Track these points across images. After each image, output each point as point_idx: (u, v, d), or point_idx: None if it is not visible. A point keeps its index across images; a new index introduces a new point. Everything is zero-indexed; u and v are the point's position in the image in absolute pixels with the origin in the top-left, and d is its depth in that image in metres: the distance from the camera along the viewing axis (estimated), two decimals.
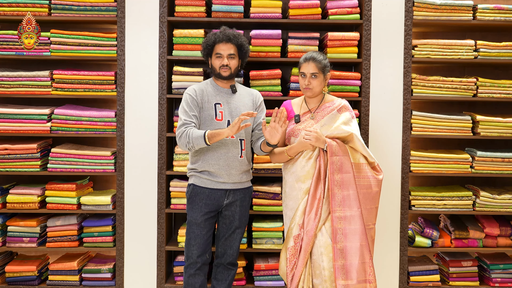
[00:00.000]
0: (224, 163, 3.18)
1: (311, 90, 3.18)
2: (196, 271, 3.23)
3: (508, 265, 3.89)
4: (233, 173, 3.20)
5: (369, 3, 3.72)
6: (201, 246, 3.21)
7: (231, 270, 3.35)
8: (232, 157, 3.19)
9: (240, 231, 3.31)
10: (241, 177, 3.24)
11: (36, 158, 3.79)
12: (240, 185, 3.25)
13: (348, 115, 3.22)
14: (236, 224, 3.27)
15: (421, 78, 3.80)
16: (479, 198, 3.79)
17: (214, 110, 3.20)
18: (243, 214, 3.29)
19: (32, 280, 3.84)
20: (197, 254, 3.21)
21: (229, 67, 3.22)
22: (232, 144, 3.19)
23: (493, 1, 4.06)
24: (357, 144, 3.11)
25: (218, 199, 3.21)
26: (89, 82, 3.80)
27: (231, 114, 3.22)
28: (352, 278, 3.02)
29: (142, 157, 3.82)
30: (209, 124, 3.19)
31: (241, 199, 3.26)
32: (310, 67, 3.16)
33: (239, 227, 3.29)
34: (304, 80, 3.18)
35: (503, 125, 3.80)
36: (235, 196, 3.24)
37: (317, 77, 3.17)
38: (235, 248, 3.31)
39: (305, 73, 3.17)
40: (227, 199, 3.22)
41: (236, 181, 3.22)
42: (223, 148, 3.18)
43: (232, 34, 3.24)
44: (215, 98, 3.23)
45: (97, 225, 3.85)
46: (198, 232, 3.20)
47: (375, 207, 3.14)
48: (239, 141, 3.21)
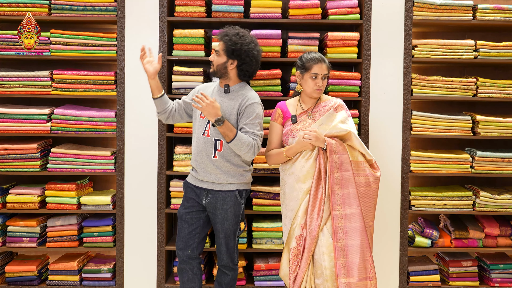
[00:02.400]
0: (200, 160, 3.21)
1: (321, 91, 3.22)
2: (181, 265, 3.26)
3: (508, 265, 3.89)
4: (209, 171, 3.19)
5: (369, 3, 3.72)
6: (182, 239, 3.23)
7: (226, 275, 3.31)
8: (205, 156, 3.19)
9: (223, 236, 3.21)
10: (218, 178, 3.18)
11: (36, 158, 3.79)
12: (220, 187, 3.19)
13: (345, 113, 3.23)
14: (218, 227, 3.22)
15: (421, 78, 3.80)
16: (479, 198, 3.79)
17: None
18: (224, 218, 3.19)
19: (32, 280, 3.84)
20: (179, 247, 3.25)
21: (212, 63, 3.23)
22: (205, 143, 3.18)
23: (493, 1, 4.06)
24: (355, 142, 3.13)
25: (199, 197, 3.22)
26: (89, 82, 3.80)
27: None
28: (354, 276, 3.03)
29: (142, 157, 3.82)
30: (196, 120, 3.26)
31: (221, 202, 3.19)
32: (323, 68, 3.19)
33: (221, 232, 3.21)
34: (317, 81, 3.18)
35: (503, 125, 3.80)
36: (214, 197, 3.19)
37: (326, 78, 3.21)
38: (223, 251, 3.25)
39: (318, 74, 3.17)
40: (205, 199, 3.21)
41: (213, 180, 3.18)
42: (199, 146, 3.21)
43: (225, 31, 3.21)
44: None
45: (97, 225, 3.85)
46: (180, 225, 3.26)
47: (374, 204, 3.16)
48: (213, 141, 3.17)
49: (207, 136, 3.18)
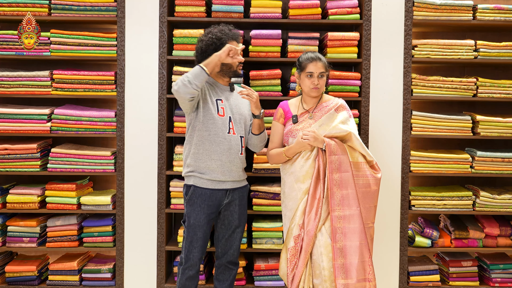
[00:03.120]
0: (227, 159, 3.18)
1: (319, 89, 3.20)
2: (195, 273, 3.22)
3: (508, 265, 3.89)
4: (233, 169, 3.21)
5: (369, 3, 3.72)
6: (202, 248, 3.21)
7: (232, 270, 3.34)
8: (234, 154, 3.20)
9: (240, 229, 3.31)
10: (240, 175, 3.26)
11: (36, 158, 3.79)
12: (239, 184, 3.27)
13: (346, 114, 3.22)
14: (235, 223, 3.27)
15: (421, 78, 3.80)
16: (479, 198, 3.79)
17: (216, 105, 3.20)
18: (242, 212, 3.29)
19: (32, 280, 3.84)
20: (199, 257, 3.20)
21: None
22: (233, 141, 3.20)
23: (493, 1, 4.06)
24: (355, 143, 3.12)
25: (219, 200, 3.21)
26: (89, 82, 3.80)
27: (231, 111, 3.23)
28: (352, 277, 3.03)
29: (142, 157, 3.82)
30: (211, 119, 3.16)
31: (239, 198, 3.27)
32: (319, 67, 3.17)
33: (239, 226, 3.29)
34: (312, 79, 3.18)
35: (503, 125, 3.80)
36: (234, 195, 3.25)
37: (323, 76, 3.20)
38: (236, 247, 3.31)
39: (313, 72, 3.17)
40: (227, 198, 3.23)
41: (236, 179, 3.23)
42: (225, 144, 3.18)
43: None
44: (217, 94, 3.24)
45: (97, 225, 3.85)
46: (200, 235, 3.18)
47: (374, 205, 3.15)
48: (239, 138, 3.23)
49: (233, 134, 3.20)
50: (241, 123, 3.26)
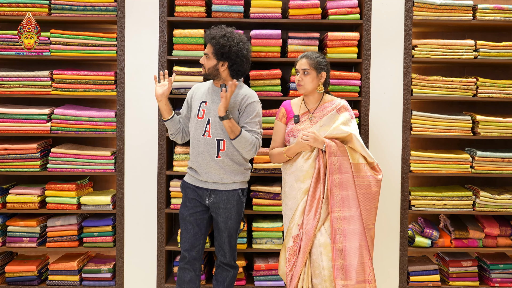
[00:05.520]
0: (202, 161, 3.20)
1: (303, 86, 3.19)
2: (185, 265, 3.24)
3: (508, 265, 3.89)
4: (212, 172, 3.18)
5: (369, 3, 3.72)
6: (188, 240, 3.23)
7: (228, 271, 3.33)
8: (208, 157, 3.18)
9: (227, 234, 3.24)
10: (221, 178, 3.18)
11: (36, 158, 3.79)
12: (223, 186, 3.20)
13: (347, 115, 3.22)
14: (221, 227, 3.23)
15: (421, 78, 3.80)
16: (479, 198, 3.79)
17: (198, 107, 3.22)
18: (228, 217, 3.21)
19: (32, 280, 3.84)
20: (184, 248, 3.24)
21: (204, 66, 3.24)
22: (207, 143, 3.17)
23: (493, 1, 4.06)
24: (356, 144, 3.12)
25: (202, 197, 3.22)
26: (89, 82, 3.80)
27: (214, 113, 3.18)
28: (351, 278, 3.02)
29: (142, 157, 3.82)
30: (193, 121, 3.24)
31: (224, 201, 3.20)
32: (302, 63, 3.19)
33: (225, 231, 3.23)
34: (296, 77, 3.20)
35: (503, 125, 3.80)
36: (217, 197, 3.20)
37: (309, 73, 3.18)
38: (226, 250, 3.27)
39: (298, 69, 3.20)
40: (208, 199, 3.21)
41: (216, 181, 3.19)
42: (200, 147, 3.19)
43: (212, 33, 3.20)
44: (204, 97, 3.24)
45: (97, 225, 3.85)
46: (184, 227, 3.25)
47: (374, 207, 3.14)
48: (215, 141, 3.17)
49: (208, 136, 3.17)
50: (222, 126, 3.15)
